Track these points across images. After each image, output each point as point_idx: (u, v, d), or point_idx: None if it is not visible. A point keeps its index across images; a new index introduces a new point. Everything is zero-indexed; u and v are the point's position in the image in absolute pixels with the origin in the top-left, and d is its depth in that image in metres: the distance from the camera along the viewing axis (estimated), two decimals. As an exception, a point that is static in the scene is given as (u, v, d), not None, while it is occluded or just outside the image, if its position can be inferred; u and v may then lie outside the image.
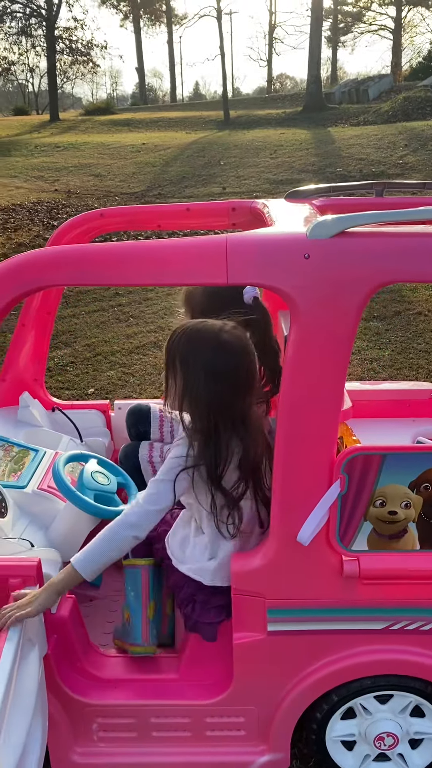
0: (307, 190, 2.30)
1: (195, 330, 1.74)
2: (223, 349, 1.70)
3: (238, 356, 1.72)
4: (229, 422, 1.72)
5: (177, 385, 1.73)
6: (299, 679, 1.81)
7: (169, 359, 1.75)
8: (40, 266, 1.59)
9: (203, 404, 1.71)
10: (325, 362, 1.56)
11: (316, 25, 23.57)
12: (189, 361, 1.72)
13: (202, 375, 1.70)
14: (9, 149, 20.68)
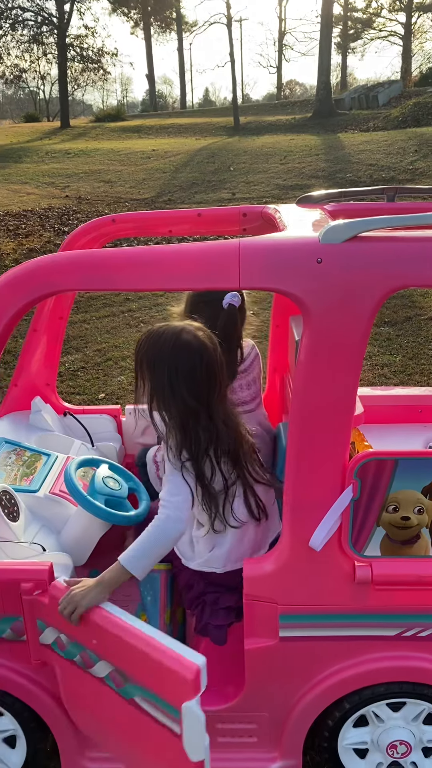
0: (318, 196, 2.31)
1: (157, 333, 1.82)
2: (182, 349, 1.76)
3: (196, 354, 1.76)
4: (196, 417, 1.77)
5: (146, 388, 1.80)
6: (311, 686, 1.80)
7: (136, 363, 1.83)
8: (54, 271, 1.60)
9: (170, 403, 1.77)
10: (337, 367, 1.56)
11: (325, 31, 23.62)
12: (153, 364, 1.78)
13: (165, 375, 1.75)
14: (20, 156, 20.84)
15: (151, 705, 1.54)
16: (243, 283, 1.54)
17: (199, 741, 1.46)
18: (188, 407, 1.76)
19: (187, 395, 1.74)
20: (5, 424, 2.54)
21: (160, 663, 1.47)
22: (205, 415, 1.77)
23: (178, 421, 1.77)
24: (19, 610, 1.73)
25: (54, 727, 1.87)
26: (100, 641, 1.62)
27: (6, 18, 32.32)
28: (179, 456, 1.75)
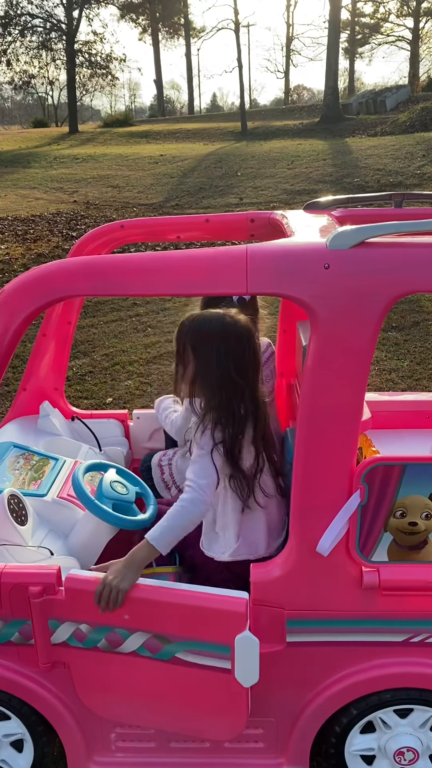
0: (325, 201, 2.31)
1: (202, 318, 1.90)
2: (231, 330, 1.85)
3: (243, 338, 1.86)
4: (240, 399, 1.86)
5: (188, 371, 1.88)
6: (318, 691, 1.80)
7: (180, 347, 1.90)
8: (63, 277, 1.61)
9: (216, 384, 1.84)
10: (344, 372, 1.56)
11: (333, 36, 23.66)
12: (199, 347, 1.86)
13: (213, 357, 1.83)
14: (29, 161, 20.95)
15: (196, 654, 1.69)
16: (251, 288, 1.55)
17: (253, 665, 1.66)
18: (235, 385, 1.84)
19: (234, 374, 1.83)
20: (14, 429, 2.55)
21: (209, 609, 1.66)
22: (248, 393, 1.86)
23: (221, 400, 1.84)
24: (27, 614, 1.74)
25: (61, 731, 1.87)
26: (135, 614, 1.69)
27: (15, 24, 32.55)
28: (212, 437, 1.81)
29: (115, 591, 1.68)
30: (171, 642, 1.71)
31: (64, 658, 1.79)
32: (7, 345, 1.61)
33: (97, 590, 1.68)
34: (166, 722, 1.83)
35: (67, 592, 1.72)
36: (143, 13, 38.87)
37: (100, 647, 1.74)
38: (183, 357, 1.89)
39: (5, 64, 33.72)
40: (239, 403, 1.85)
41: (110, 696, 1.82)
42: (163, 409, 2.57)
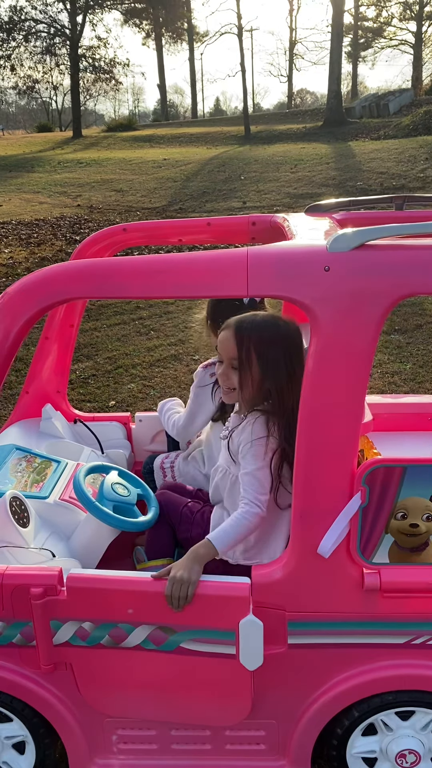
0: (327, 204, 2.32)
1: (258, 324, 1.91)
2: (288, 335, 1.90)
3: (297, 337, 1.91)
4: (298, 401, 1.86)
5: (254, 375, 1.89)
6: (320, 693, 1.80)
7: (242, 354, 1.89)
8: (65, 279, 1.62)
9: (286, 386, 1.86)
10: (345, 375, 1.56)
11: (336, 40, 23.73)
12: (265, 351, 1.87)
13: (282, 360, 1.86)
14: (33, 165, 21.03)
15: (201, 642, 1.73)
16: (251, 290, 1.56)
17: (257, 649, 1.69)
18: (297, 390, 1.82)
19: (298, 378, 1.82)
20: (16, 431, 2.56)
21: (212, 597, 1.70)
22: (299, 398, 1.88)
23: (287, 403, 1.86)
24: (29, 615, 1.74)
25: (63, 733, 1.87)
26: (139, 607, 1.72)
27: (19, 30, 32.72)
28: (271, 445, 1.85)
29: (186, 584, 1.68)
30: (175, 632, 1.73)
31: (67, 659, 1.79)
32: (9, 348, 1.62)
33: (166, 590, 1.69)
34: (172, 713, 1.84)
35: (69, 591, 1.73)
36: (146, 17, 39.04)
37: (103, 644, 1.75)
38: (247, 362, 1.88)
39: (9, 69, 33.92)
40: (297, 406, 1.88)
41: (115, 692, 1.83)
42: (166, 411, 2.58)
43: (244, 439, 1.90)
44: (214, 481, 2.10)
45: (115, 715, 1.87)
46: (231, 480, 2.00)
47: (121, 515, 2.06)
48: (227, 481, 2.02)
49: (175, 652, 1.74)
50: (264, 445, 1.87)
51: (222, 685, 1.77)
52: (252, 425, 1.89)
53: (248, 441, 1.89)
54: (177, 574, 1.70)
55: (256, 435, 1.88)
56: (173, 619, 1.72)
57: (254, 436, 1.88)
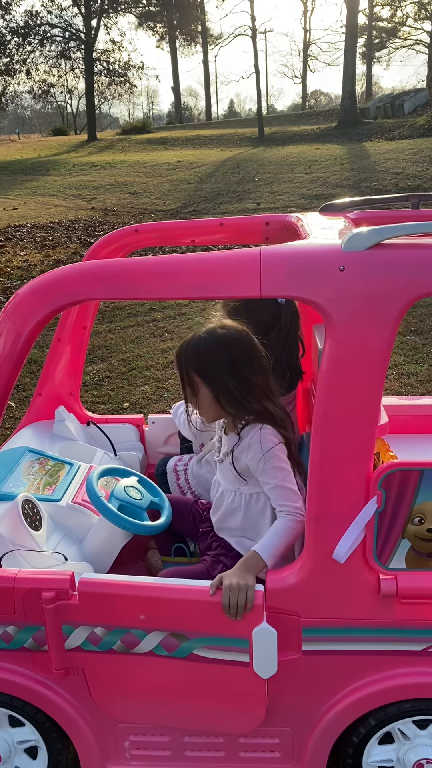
0: (341, 204, 2.29)
1: (194, 342, 1.90)
2: (227, 340, 1.86)
3: (242, 338, 1.88)
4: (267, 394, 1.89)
5: (206, 395, 1.88)
6: (335, 701, 1.77)
7: (185, 378, 1.90)
8: (77, 280, 1.61)
9: (241, 394, 1.85)
10: (361, 376, 1.53)
11: (350, 41, 23.64)
12: (206, 368, 1.86)
13: (225, 371, 1.84)
14: (48, 169, 21.16)
15: (214, 649, 1.70)
16: (265, 291, 1.53)
17: (271, 657, 1.67)
18: (258, 388, 1.86)
19: (251, 377, 1.85)
20: (29, 433, 2.55)
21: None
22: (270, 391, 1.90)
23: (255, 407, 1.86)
24: (41, 620, 1.73)
25: (75, 738, 1.86)
26: (151, 613, 1.70)
27: (35, 35, 32.97)
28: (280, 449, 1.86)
29: (243, 589, 1.65)
30: (188, 639, 1.71)
31: (79, 664, 1.78)
32: (21, 349, 1.60)
33: (223, 600, 1.65)
34: (184, 719, 1.82)
35: (80, 596, 1.71)
36: (161, 20, 39.18)
37: (115, 649, 1.73)
38: (191, 385, 1.89)
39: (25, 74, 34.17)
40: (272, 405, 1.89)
41: (127, 698, 1.81)
42: (181, 413, 2.56)
43: (253, 455, 1.87)
44: (222, 509, 2.03)
45: (127, 720, 1.85)
46: (245, 500, 1.96)
47: (126, 515, 2.04)
48: (240, 502, 1.97)
49: (187, 659, 1.72)
50: (281, 452, 1.85)
51: (235, 693, 1.75)
52: (259, 439, 1.86)
53: (259, 456, 1.85)
54: (233, 581, 1.66)
55: (266, 447, 1.85)
56: (186, 626, 1.70)
57: (264, 448, 1.85)
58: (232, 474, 1.94)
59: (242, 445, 1.90)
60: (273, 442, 1.86)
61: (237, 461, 1.91)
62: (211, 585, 1.69)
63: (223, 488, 2.02)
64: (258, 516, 1.95)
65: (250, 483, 1.93)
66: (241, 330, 1.91)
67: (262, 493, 1.92)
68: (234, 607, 1.64)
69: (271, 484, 1.85)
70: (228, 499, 2.00)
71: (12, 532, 1.95)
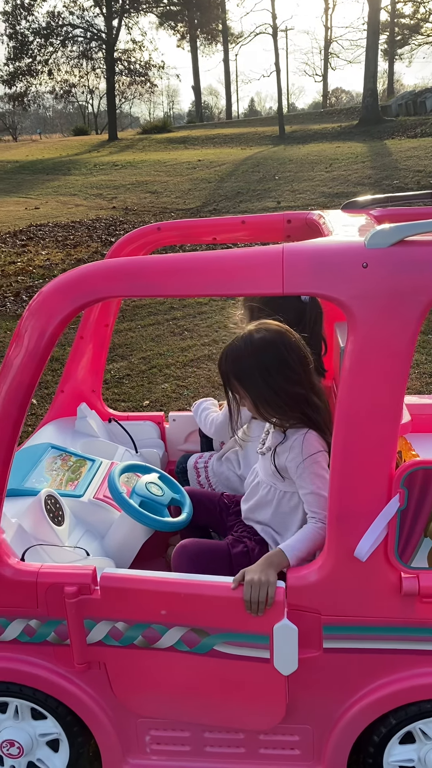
0: (363, 201, 2.28)
1: (232, 348, 1.89)
2: (261, 347, 1.84)
3: (278, 343, 1.85)
4: (306, 401, 1.86)
5: (246, 401, 1.89)
6: (356, 699, 1.76)
7: (226, 384, 1.91)
8: (100, 278, 1.62)
9: (278, 402, 1.84)
10: (383, 374, 1.52)
11: (372, 38, 23.47)
12: (242, 375, 1.85)
13: (259, 379, 1.82)
14: (69, 168, 21.30)
15: (234, 645, 1.70)
16: (287, 288, 1.53)
17: (292, 654, 1.67)
18: (296, 397, 1.83)
19: (289, 386, 1.82)
20: (52, 430, 2.58)
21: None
22: (312, 396, 1.86)
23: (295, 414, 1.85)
24: (63, 614, 1.75)
25: (96, 732, 1.87)
26: (172, 609, 1.71)
27: (57, 35, 33.20)
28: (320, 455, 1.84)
29: (265, 585, 1.65)
30: (209, 635, 1.71)
31: (100, 658, 1.79)
32: (45, 346, 1.62)
33: (245, 595, 1.66)
34: (204, 715, 1.83)
35: (102, 591, 1.72)
36: (182, 20, 39.22)
37: (137, 644, 1.75)
38: (234, 391, 1.90)
39: (47, 74, 34.42)
40: (314, 413, 1.86)
41: (148, 692, 1.82)
42: (203, 410, 2.56)
43: (294, 457, 1.87)
44: (255, 500, 2.05)
45: (148, 715, 1.87)
46: (278, 496, 1.97)
47: (147, 511, 2.05)
48: (274, 496, 1.98)
49: (208, 655, 1.72)
50: (323, 459, 1.84)
51: (256, 689, 1.75)
52: (301, 443, 1.86)
53: (299, 460, 1.85)
54: (254, 577, 1.67)
55: (307, 452, 1.85)
56: (207, 622, 1.71)
57: (305, 454, 1.85)
58: (271, 469, 1.95)
59: (286, 444, 1.90)
60: (316, 449, 1.85)
61: (278, 458, 1.92)
62: (233, 580, 1.69)
63: (260, 480, 2.03)
64: (289, 513, 1.96)
65: (287, 481, 1.93)
66: (277, 332, 1.87)
67: (297, 492, 1.92)
68: (255, 603, 1.65)
69: (307, 489, 1.85)
70: (263, 491, 2.01)
71: (35, 527, 1.97)
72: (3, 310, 7.41)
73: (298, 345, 1.88)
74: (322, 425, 1.87)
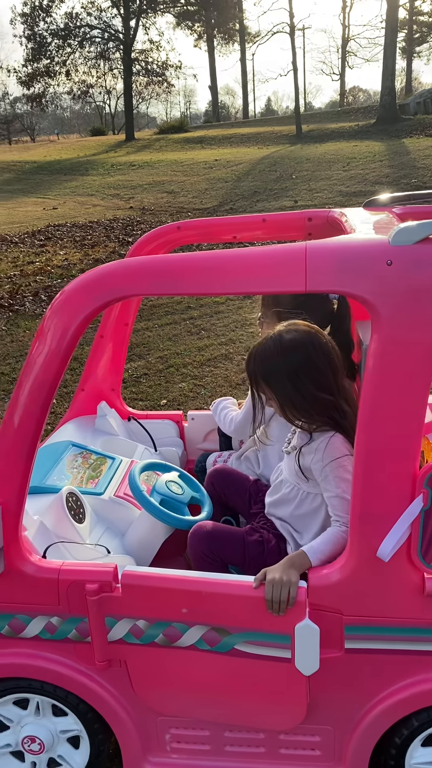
0: (385, 199, 2.26)
1: (261, 348, 1.86)
2: (291, 348, 1.81)
3: (308, 345, 1.81)
4: (335, 408, 1.83)
5: (273, 402, 1.87)
6: (377, 701, 1.75)
7: (253, 385, 1.88)
8: (122, 277, 1.62)
9: (305, 406, 1.82)
10: (407, 373, 1.51)
11: (390, 36, 23.33)
12: (270, 376, 1.83)
13: (287, 382, 1.80)
14: (87, 169, 21.41)
15: (255, 645, 1.70)
16: (310, 286, 1.52)
17: (313, 654, 1.66)
18: (323, 401, 1.80)
19: (317, 391, 1.79)
20: (72, 428, 2.59)
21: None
22: (340, 401, 1.83)
23: (323, 418, 1.83)
24: (84, 611, 1.75)
25: (117, 729, 1.88)
26: (194, 607, 1.70)
27: (74, 36, 33.38)
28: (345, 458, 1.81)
29: (286, 585, 1.65)
30: (230, 634, 1.71)
31: (121, 656, 1.79)
32: (67, 345, 1.62)
33: (266, 594, 1.65)
34: (225, 714, 1.82)
35: (123, 589, 1.73)
36: (199, 20, 39.25)
37: (157, 642, 1.75)
38: (261, 392, 1.88)
39: (65, 75, 34.62)
40: (341, 419, 1.83)
41: (168, 691, 1.82)
42: (222, 409, 2.56)
43: (318, 460, 1.86)
44: (278, 496, 2.04)
45: (168, 713, 1.87)
46: (301, 496, 1.96)
47: (167, 510, 2.05)
48: (296, 496, 1.97)
49: (229, 654, 1.72)
50: (348, 463, 1.81)
51: (276, 689, 1.74)
52: (326, 445, 1.84)
53: (324, 463, 1.84)
54: (276, 576, 1.66)
55: (331, 456, 1.83)
56: (228, 621, 1.70)
57: (330, 457, 1.83)
58: (295, 468, 1.94)
59: (311, 445, 1.88)
60: (341, 452, 1.83)
61: (303, 458, 1.90)
62: (254, 579, 1.69)
63: (284, 478, 2.02)
64: (310, 514, 1.95)
65: (311, 482, 1.92)
66: (307, 333, 1.84)
67: (320, 494, 1.91)
68: (276, 602, 1.64)
69: (332, 492, 1.83)
70: (285, 489, 2.00)
71: (56, 525, 1.98)
72: (22, 310, 7.46)
73: (329, 348, 1.85)
74: (349, 430, 1.83)
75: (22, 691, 1.89)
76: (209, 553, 1.97)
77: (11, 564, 1.75)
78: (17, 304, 7.65)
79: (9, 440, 1.67)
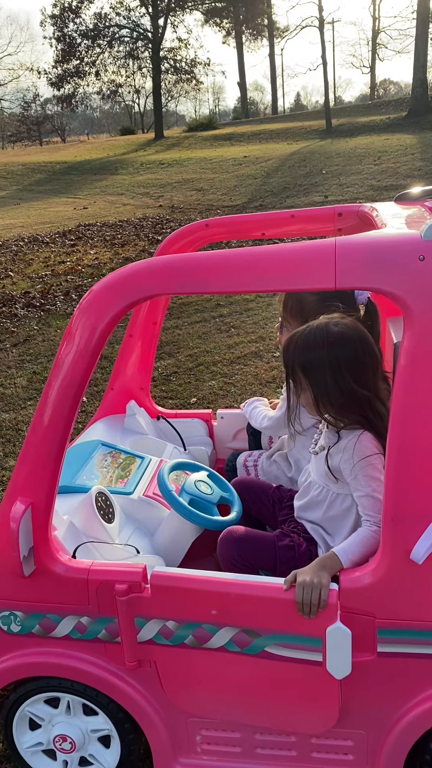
0: (417, 192, 2.21)
1: (304, 337, 1.80)
2: (338, 340, 1.76)
3: (355, 340, 1.77)
4: (370, 407, 1.79)
5: (306, 393, 1.82)
6: (411, 705, 1.71)
7: (289, 373, 1.83)
8: (150, 275, 1.61)
9: (341, 400, 1.78)
10: (441, 370, 1.47)
11: (422, 26, 22.96)
12: (310, 366, 1.79)
13: (328, 374, 1.76)
14: (116, 168, 21.54)
15: (286, 647, 1.67)
16: (339, 283, 1.49)
17: (345, 657, 1.63)
18: (360, 398, 1.77)
19: (356, 386, 1.76)
20: (102, 427, 2.59)
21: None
22: (375, 401, 1.80)
23: (356, 417, 1.79)
24: (114, 611, 1.75)
25: (147, 730, 1.88)
26: (223, 609, 1.69)
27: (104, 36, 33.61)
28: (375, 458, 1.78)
29: (317, 587, 1.63)
30: (260, 636, 1.69)
31: (151, 656, 1.79)
32: (96, 344, 1.62)
33: (297, 597, 1.63)
34: (255, 716, 1.81)
35: (153, 590, 1.72)
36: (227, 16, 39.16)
37: (187, 644, 1.74)
38: (296, 382, 1.83)
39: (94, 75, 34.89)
40: (376, 418, 1.79)
41: (198, 692, 1.81)
42: (254, 408, 2.53)
43: (347, 459, 1.82)
44: (307, 499, 2.01)
45: (198, 715, 1.86)
46: (330, 497, 1.93)
47: (196, 510, 2.04)
48: (326, 497, 1.94)
49: (259, 656, 1.70)
50: (378, 462, 1.78)
51: (308, 692, 1.72)
52: (354, 444, 1.81)
53: (353, 462, 1.81)
54: (306, 578, 1.64)
55: (361, 454, 1.79)
56: (258, 623, 1.68)
57: (359, 455, 1.79)
58: (324, 470, 1.90)
59: (339, 445, 1.85)
60: (370, 450, 1.79)
61: (331, 459, 1.87)
62: (285, 581, 1.67)
63: (312, 480, 1.99)
64: (341, 515, 1.91)
65: (340, 483, 1.88)
66: (356, 328, 1.80)
67: (350, 495, 1.87)
68: (307, 605, 1.62)
69: (362, 492, 1.80)
70: (314, 491, 1.97)
71: (86, 524, 1.98)
72: (53, 309, 7.53)
73: (373, 346, 1.82)
74: (381, 430, 1.78)
75: (52, 690, 1.90)
76: (239, 559, 1.94)
77: (41, 564, 1.76)
78: (48, 304, 7.72)
79: (38, 440, 1.68)
